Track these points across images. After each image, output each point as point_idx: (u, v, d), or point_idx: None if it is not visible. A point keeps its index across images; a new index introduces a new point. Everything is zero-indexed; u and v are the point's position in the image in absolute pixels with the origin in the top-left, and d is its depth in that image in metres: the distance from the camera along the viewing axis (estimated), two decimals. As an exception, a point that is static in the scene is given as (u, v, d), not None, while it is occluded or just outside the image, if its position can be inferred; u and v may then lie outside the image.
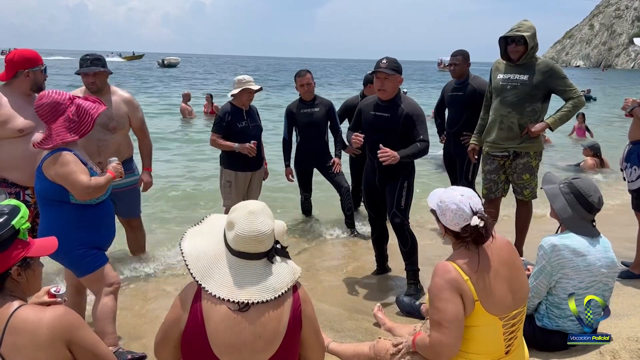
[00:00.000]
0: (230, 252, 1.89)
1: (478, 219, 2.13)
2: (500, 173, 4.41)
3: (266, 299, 1.83)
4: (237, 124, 4.75)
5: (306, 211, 6.10)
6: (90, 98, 3.04)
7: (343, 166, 5.50)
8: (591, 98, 22.66)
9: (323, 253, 5.01)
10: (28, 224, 1.85)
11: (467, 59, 5.26)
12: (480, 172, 4.75)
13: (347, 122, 5.23)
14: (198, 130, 13.39)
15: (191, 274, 1.87)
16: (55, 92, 2.88)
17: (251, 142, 4.72)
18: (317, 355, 2.07)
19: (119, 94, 4.07)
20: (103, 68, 3.92)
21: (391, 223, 3.92)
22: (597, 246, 2.73)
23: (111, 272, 3.01)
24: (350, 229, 5.57)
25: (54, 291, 1.97)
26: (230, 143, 4.73)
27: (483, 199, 4.54)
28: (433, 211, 2.30)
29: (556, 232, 2.89)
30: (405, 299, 3.75)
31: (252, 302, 1.82)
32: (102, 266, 2.97)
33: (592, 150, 9.35)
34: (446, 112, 5.65)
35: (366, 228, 5.27)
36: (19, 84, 3.47)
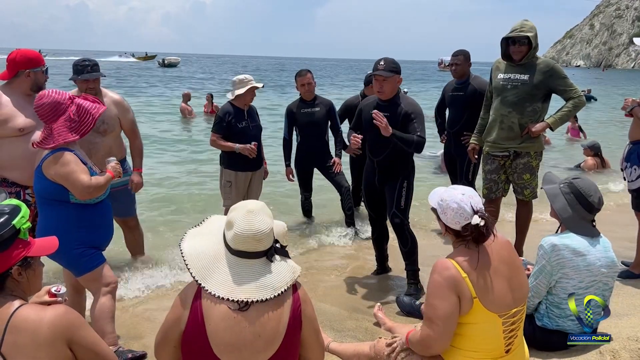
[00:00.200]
0: (229, 252, 1.89)
1: (479, 218, 2.14)
2: (500, 173, 4.41)
3: (265, 298, 1.83)
4: (238, 124, 4.74)
5: (306, 211, 6.09)
6: (89, 98, 3.03)
7: (343, 166, 5.50)
8: (592, 98, 22.62)
9: (323, 253, 5.01)
10: (29, 224, 1.85)
11: (468, 59, 5.26)
12: (480, 172, 4.76)
13: (348, 122, 5.23)
14: (199, 130, 13.35)
15: (191, 274, 1.87)
16: (55, 92, 2.88)
17: (252, 143, 4.72)
18: (317, 355, 2.07)
19: (110, 96, 4.09)
20: (100, 73, 4.01)
21: (391, 223, 3.93)
22: (597, 246, 2.73)
23: (109, 272, 3.01)
24: (350, 229, 5.57)
25: (55, 291, 1.97)
26: (230, 144, 4.72)
27: (483, 199, 4.54)
28: (434, 210, 2.30)
29: (556, 232, 2.89)
30: (405, 299, 3.76)
31: (252, 301, 1.82)
32: (100, 266, 2.97)
33: (593, 150, 9.19)
34: (447, 112, 5.65)
35: (366, 228, 5.27)
36: (20, 84, 3.47)
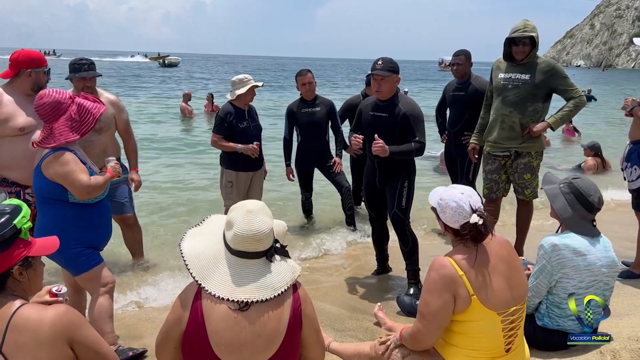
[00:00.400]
0: (229, 252, 1.89)
1: (477, 217, 2.16)
2: (501, 173, 4.41)
3: (265, 298, 1.83)
4: (239, 125, 4.74)
5: (307, 211, 6.09)
6: (90, 97, 3.02)
7: (344, 166, 5.50)
8: (592, 98, 22.62)
9: (323, 253, 5.01)
10: (30, 224, 1.85)
11: (470, 59, 5.26)
12: (481, 172, 4.75)
13: (349, 122, 5.22)
14: (200, 131, 13.32)
15: (191, 274, 1.87)
16: (55, 91, 2.87)
17: (254, 143, 4.72)
18: (318, 354, 2.07)
19: (105, 96, 4.10)
20: (96, 72, 4.04)
21: (392, 223, 3.92)
22: (598, 246, 2.73)
23: (106, 272, 3.00)
24: (351, 229, 5.57)
25: (56, 290, 1.97)
26: (232, 144, 4.72)
27: (484, 199, 4.54)
28: (433, 209, 2.32)
29: (556, 232, 2.89)
30: (405, 299, 3.76)
31: (252, 301, 1.82)
32: (97, 266, 2.96)
33: (593, 150, 9.12)
34: (447, 112, 5.64)
35: (367, 228, 5.27)
36: (21, 83, 3.47)
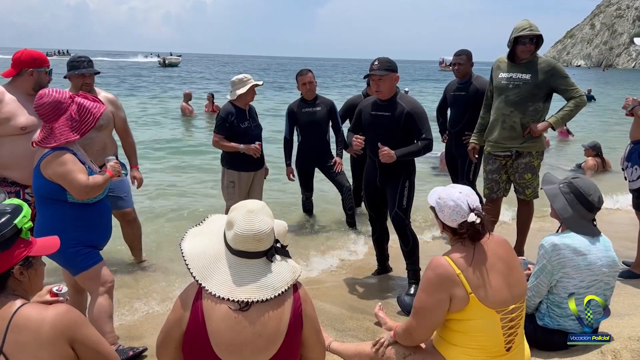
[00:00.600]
0: (230, 252, 1.89)
1: (475, 216, 2.17)
2: (502, 173, 4.41)
3: (266, 298, 1.83)
4: (240, 125, 4.73)
5: (307, 211, 6.10)
6: (89, 97, 3.00)
7: (344, 166, 5.50)
8: (592, 98, 22.62)
9: (324, 253, 5.01)
10: (30, 223, 1.85)
11: (471, 59, 5.27)
12: (481, 172, 4.75)
13: (349, 122, 5.22)
14: (200, 130, 13.32)
15: (191, 274, 1.87)
16: (55, 91, 2.85)
17: (256, 143, 4.72)
18: (319, 354, 2.07)
19: (103, 95, 4.12)
20: (95, 69, 4.05)
21: (393, 222, 3.92)
22: (598, 245, 2.73)
23: (105, 271, 2.98)
24: (351, 229, 5.57)
25: (56, 290, 1.97)
26: (235, 144, 4.71)
27: (485, 199, 4.54)
28: (432, 208, 2.34)
29: (557, 232, 2.89)
30: (406, 298, 3.75)
31: (252, 301, 1.82)
32: (96, 265, 2.94)
33: (594, 150, 9.07)
34: (448, 112, 5.64)
35: (367, 227, 5.27)
36: (22, 82, 3.47)
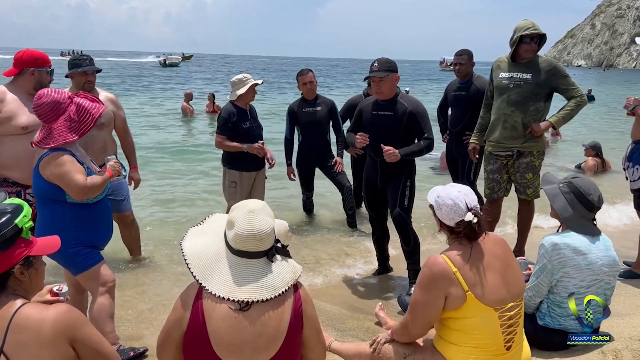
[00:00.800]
0: (230, 251, 1.89)
1: (472, 215, 2.19)
2: (503, 173, 4.41)
3: (266, 298, 1.83)
4: (242, 125, 4.72)
5: (308, 210, 6.10)
6: (89, 97, 2.99)
7: (344, 166, 5.50)
8: (592, 98, 22.67)
9: (324, 253, 5.01)
10: (31, 223, 1.85)
11: (472, 59, 5.27)
12: (482, 172, 4.75)
13: (350, 121, 5.22)
14: (201, 132, 13.27)
15: (192, 274, 1.87)
16: (54, 91, 2.85)
17: (259, 142, 4.72)
18: (319, 354, 2.07)
19: (104, 94, 4.13)
20: (97, 67, 4.06)
21: (394, 222, 3.91)
22: (598, 244, 2.74)
23: (106, 271, 2.98)
24: (351, 229, 5.57)
25: (57, 290, 1.97)
26: (238, 144, 4.69)
27: (485, 199, 4.54)
28: (431, 206, 2.35)
29: (557, 232, 2.89)
30: (406, 298, 3.74)
31: (253, 301, 1.82)
32: (97, 264, 2.94)
33: (594, 150, 9.04)
34: (449, 112, 5.64)
35: (368, 227, 5.27)
36: (24, 82, 3.47)
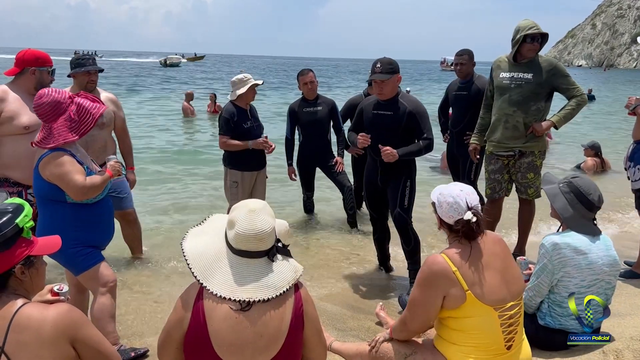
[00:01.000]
0: (231, 251, 1.89)
1: (471, 214, 2.20)
2: (504, 173, 4.41)
3: (267, 298, 1.83)
4: (243, 124, 4.71)
5: (308, 210, 6.10)
6: (89, 97, 2.98)
7: (345, 165, 5.49)
8: (592, 98, 22.71)
9: (325, 253, 5.01)
10: (32, 223, 1.84)
11: (473, 58, 5.26)
12: (483, 172, 4.75)
13: (350, 121, 5.22)
14: (202, 133, 13.27)
15: (192, 274, 1.87)
16: (54, 91, 2.84)
17: (263, 136, 4.71)
18: (320, 354, 2.07)
19: (105, 94, 4.14)
20: (100, 67, 4.07)
21: (394, 222, 3.91)
22: (599, 244, 2.74)
23: (107, 271, 2.97)
24: (352, 228, 5.57)
25: (57, 289, 1.97)
26: (242, 142, 4.68)
27: (486, 199, 4.54)
28: (433, 203, 2.36)
29: (557, 231, 2.89)
30: (407, 298, 3.73)
31: (254, 301, 1.82)
32: (97, 264, 2.93)
33: (594, 150, 9.03)
34: (450, 111, 5.64)
35: (368, 227, 5.27)
36: (24, 81, 3.47)
